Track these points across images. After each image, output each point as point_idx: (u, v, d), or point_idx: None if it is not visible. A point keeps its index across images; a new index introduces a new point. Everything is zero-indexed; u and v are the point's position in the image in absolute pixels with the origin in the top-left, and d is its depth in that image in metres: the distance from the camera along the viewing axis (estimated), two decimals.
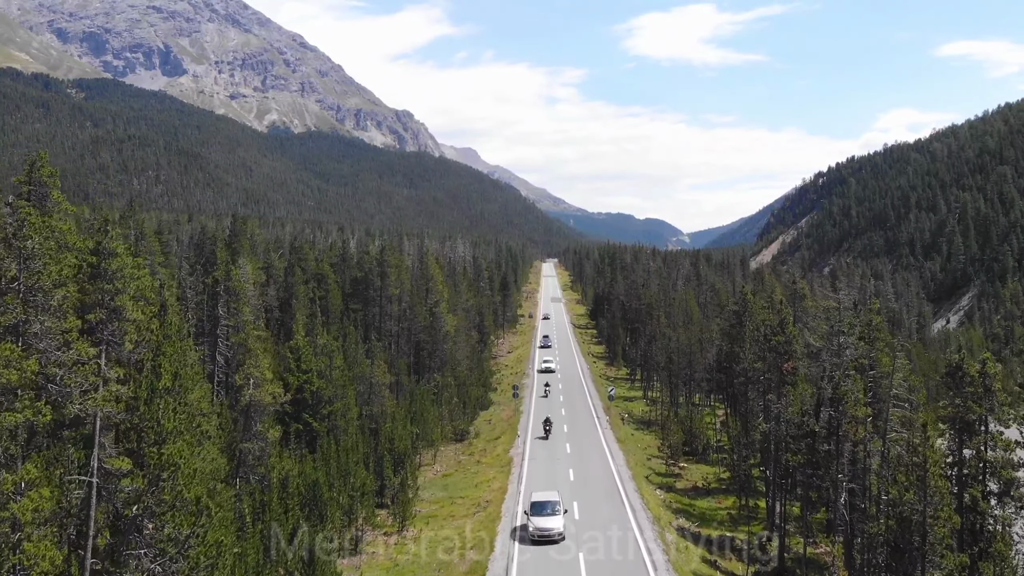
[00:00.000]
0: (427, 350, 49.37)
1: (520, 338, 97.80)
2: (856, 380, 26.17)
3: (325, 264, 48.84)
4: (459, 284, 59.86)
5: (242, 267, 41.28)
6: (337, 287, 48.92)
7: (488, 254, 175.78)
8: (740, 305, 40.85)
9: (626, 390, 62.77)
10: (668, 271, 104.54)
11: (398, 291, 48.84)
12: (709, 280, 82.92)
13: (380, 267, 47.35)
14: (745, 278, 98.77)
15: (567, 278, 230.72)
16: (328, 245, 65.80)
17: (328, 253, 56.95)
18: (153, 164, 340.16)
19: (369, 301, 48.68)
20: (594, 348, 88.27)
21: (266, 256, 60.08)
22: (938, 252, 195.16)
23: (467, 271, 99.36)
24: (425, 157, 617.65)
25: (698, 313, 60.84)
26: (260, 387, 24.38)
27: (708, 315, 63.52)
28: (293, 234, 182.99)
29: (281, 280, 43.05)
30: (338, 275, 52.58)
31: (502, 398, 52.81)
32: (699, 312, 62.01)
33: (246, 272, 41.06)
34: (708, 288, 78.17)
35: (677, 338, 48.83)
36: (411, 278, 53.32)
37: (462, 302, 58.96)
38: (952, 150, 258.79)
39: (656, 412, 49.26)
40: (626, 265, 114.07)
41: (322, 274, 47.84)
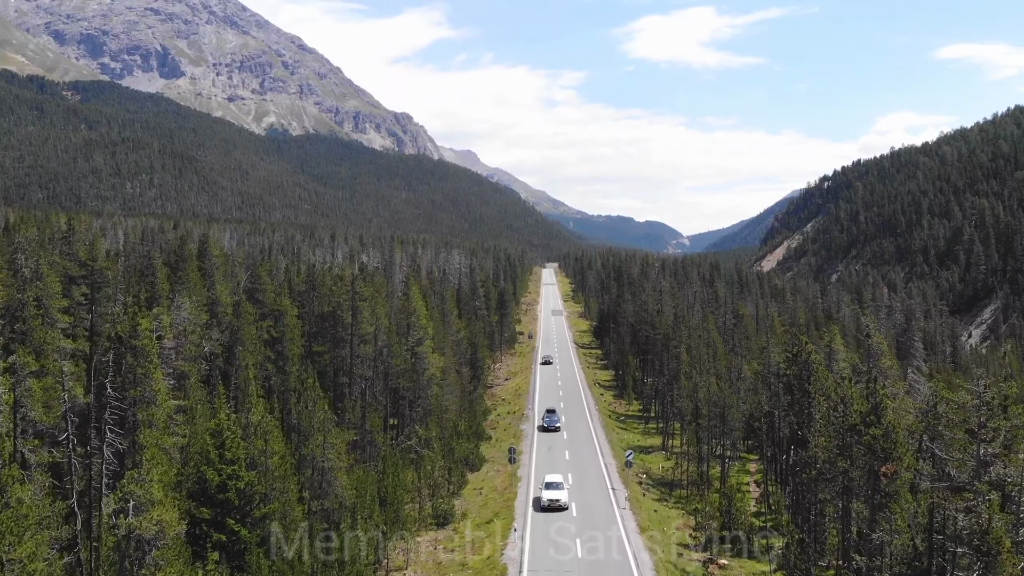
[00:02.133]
0: (407, 398, 41.43)
1: (519, 360, 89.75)
2: (993, 506, 18.11)
3: (284, 298, 40.83)
4: (448, 314, 51.93)
5: (178, 308, 33.69)
6: (298, 326, 41.08)
7: (486, 263, 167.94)
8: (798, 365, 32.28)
9: (640, 434, 54.68)
10: (679, 287, 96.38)
11: (373, 328, 40.98)
12: (728, 302, 75.15)
13: (351, 300, 39.50)
14: (764, 294, 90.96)
15: (568, 286, 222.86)
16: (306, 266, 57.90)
17: (299, 278, 48.85)
18: (147, 167, 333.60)
19: (338, 341, 40.77)
20: (600, 375, 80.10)
21: (232, 279, 52.30)
22: (955, 261, 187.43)
23: (461, 289, 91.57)
24: (424, 160, 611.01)
25: (722, 345, 53.03)
26: (145, 512, 16.87)
27: (735, 348, 55.73)
28: (282, 242, 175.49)
29: (230, 318, 35.50)
30: (305, 305, 44.67)
31: (496, 451, 44.67)
32: (722, 342, 54.17)
33: (183, 313, 33.48)
34: (729, 311, 70.49)
35: (707, 387, 41.07)
36: (389, 312, 45.39)
37: (451, 333, 51.11)
38: (962, 154, 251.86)
39: (680, 470, 41.45)
40: (633, 280, 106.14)
41: (280, 310, 39.89)
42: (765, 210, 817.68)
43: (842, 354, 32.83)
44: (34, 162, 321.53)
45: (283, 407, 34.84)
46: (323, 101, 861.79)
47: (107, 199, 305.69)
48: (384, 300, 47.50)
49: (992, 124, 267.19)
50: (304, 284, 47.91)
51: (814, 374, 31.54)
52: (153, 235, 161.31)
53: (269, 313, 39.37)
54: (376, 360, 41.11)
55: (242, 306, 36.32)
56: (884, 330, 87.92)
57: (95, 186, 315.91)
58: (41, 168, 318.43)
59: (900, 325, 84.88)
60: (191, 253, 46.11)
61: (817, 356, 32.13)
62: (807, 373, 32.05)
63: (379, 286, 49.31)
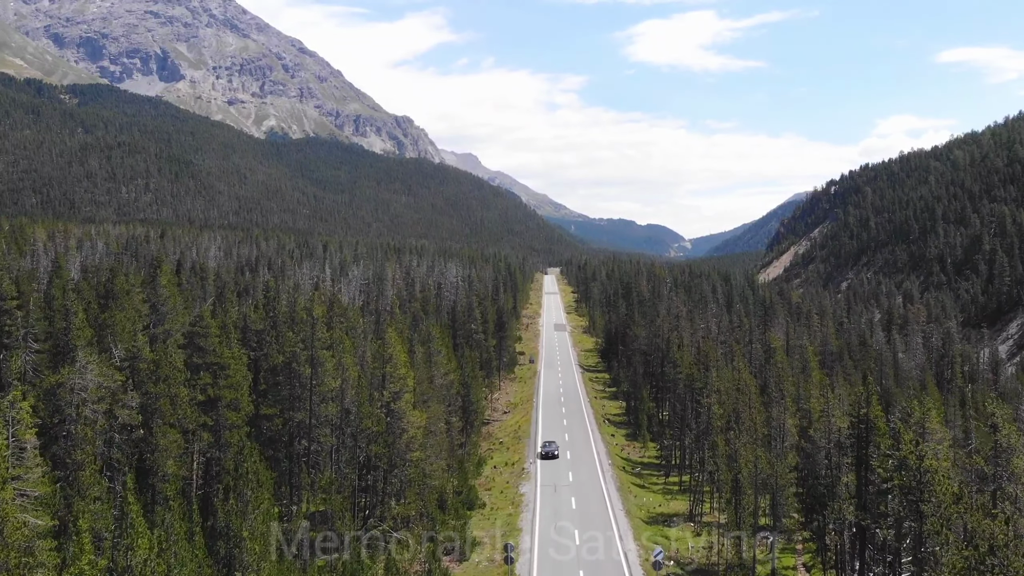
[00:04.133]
0: (381, 468, 33.66)
1: (519, 388, 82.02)
2: None
3: (228, 348, 32.92)
4: (435, 353, 44.11)
5: (81, 371, 26.28)
6: (247, 380, 33.33)
7: (485, 273, 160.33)
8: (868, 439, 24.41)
9: (660, 494, 46.29)
10: (693, 304, 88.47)
11: (338, 383, 33.45)
12: (751, 327, 67.32)
13: (309, 350, 31.85)
14: (793, 317, 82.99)
15: (570, 295, 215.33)
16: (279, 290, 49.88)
17: (256, 314, 40.87)
18: (143, 172, 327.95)
19: (294, 401, 33.04)
20: (609, 406, 72.22)
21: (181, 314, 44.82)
22: (974, 270, 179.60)
23: (456, 308, 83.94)
24: (424, 163, 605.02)
25: (755, 388, 45.15)
26: None
27: (769, 388, 47.82)
28: (271, 252, 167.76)
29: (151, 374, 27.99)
30: (265, 347, 36.94)
31: (489, 525, 36.30)
32: (754, 383, 46.32)
33: (87, 377, 26.12)
34: (756, 340, 62.57)
35: (751, 459, 33.34)
36: (361, 359, 37.77)
37: (439, 376, 43.46)
38: (975, 158, 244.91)
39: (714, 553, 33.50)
40: (643, 299, 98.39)
41: (221, 364, 32.10)
42: (768, 213, 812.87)
43: (939, 432, 25.37)
44: (28, 167, 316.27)
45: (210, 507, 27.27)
46: (323, 104, 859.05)
47: (101, 204, 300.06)
48: (357, 341, 39.89)
49: (1005, 128, 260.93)
50: (262, 322, 40.21)
51: (905, 466, 23.67)
52: (137, 245, 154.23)
53: (209, 366, 31.77)
54: (342, 422, 33.53)
55: (166, 361, 28.76)
56: (920, 354, 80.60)
57: (90, 191, 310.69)
58: (35, 173, 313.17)
59: (937, 350, 77.56)
60: (122, 289, 38.47)
61: (907, 436, 24.50)
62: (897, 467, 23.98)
63: (353, 321, 41.79)
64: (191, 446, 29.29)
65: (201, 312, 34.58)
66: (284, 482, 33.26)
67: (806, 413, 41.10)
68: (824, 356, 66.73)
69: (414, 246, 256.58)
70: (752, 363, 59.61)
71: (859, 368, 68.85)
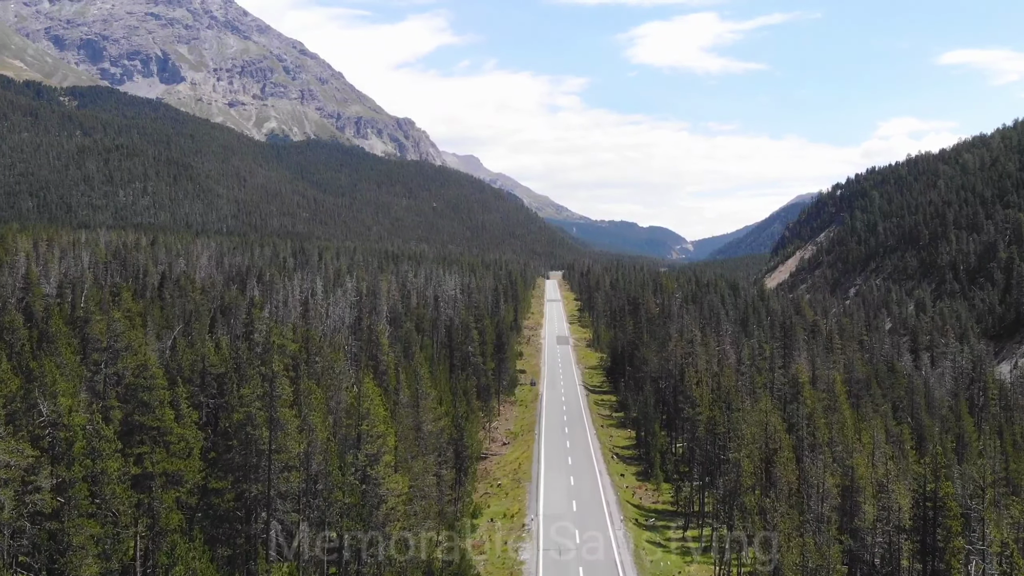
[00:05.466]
0: (353, 547, 28.35)
1: (520, 412, 76.71)
2: None
3: (183, 403, 27.71)
4: (424, 396, 38.77)
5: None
6: (197, 444, 27.98)
7: (485, 283, 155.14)
8: None
9: (679, 555, 40.16)
10: (704, 320, 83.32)
11: (303, 446, 28.20)
12: (770, 353, 61.99)
13: (267, 408, 26.45)
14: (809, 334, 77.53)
15: (573, 303, 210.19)
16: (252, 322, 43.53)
17: (215, 356, 35.09)
18: (140, 175, 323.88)
19: (249, 471, 27.62)
20: (616, 435, 66.65)
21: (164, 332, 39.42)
22: (989, 279, 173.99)
23: (453, 326, 78.84)
24: (425, 166, 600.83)
25: (786, 437, 39.77)
26: None
27: (800, 434, 42.46)
28: (264, 261, 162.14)
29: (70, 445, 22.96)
30: (227, 393, 31.69)
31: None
32: (784, 430, 40.96)
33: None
34: (778, 372, 57.20)
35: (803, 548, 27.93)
36: (332, 409, 32.47)
37: (429, 421, 38.21)
38: (985, 162, 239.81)
39: None
40: (652, 317, 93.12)
41: (162, 428, 26.77)
42: (770, 215, 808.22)
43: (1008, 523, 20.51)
44: (25, 170, 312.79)
45: None
46: (324, 106, 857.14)
47: (98, 208, 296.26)
48: (334, 382, 34.63)
49: (1015, 131, 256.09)
50: (223, 364, 34.82)
51: None
52: (125, 254, 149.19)
53: (148, 430, 26.50)
54: (307, 495, 28.33)
55: (92, 427, 23.52)
56: (948, 376, 75.30)
57: (86, 194, 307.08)
58: (32, 176, 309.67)
59: (967, 373, 72.34)
60: (57, 330, 33.18)
61: (996, 533, 19.79)
62: None
63: (327, 365, 36.52)
64: (125, 532, 24.23)
65: (146, 359, 29.42)
66: (239, 568, 28.10)
67: (848, 471, 35.93)
68: (850, 384, 61.67)
69: (413, 252, 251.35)
70: (773, 393, 54.35)
71: (888, 397, 63.74)
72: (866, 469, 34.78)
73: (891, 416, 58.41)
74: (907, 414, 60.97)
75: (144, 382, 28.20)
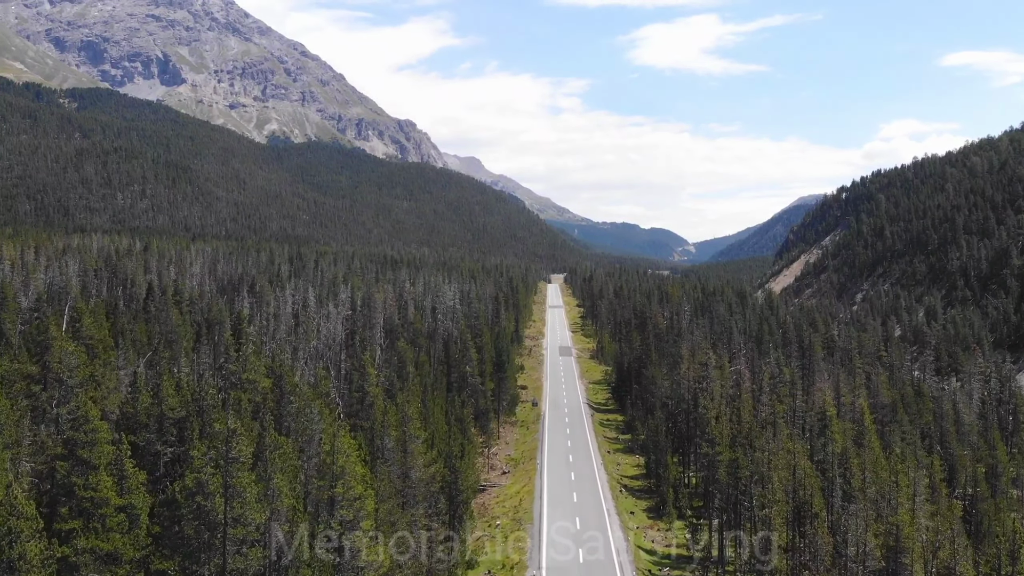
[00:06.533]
0: None
1: (521, 436, 72.54)
2: None
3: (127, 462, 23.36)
4: (411, 440, 34.76)
5: None
6: (145, 508, 23.80)
7: (485, 290, 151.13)
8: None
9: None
10: (718, 339, 79.16)
11: (264, 518, 24.06)
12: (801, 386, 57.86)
13: (221, 473, 22.36)
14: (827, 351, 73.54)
15: (576, 308, 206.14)
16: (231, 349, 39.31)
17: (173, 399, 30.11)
18: (139, 177, 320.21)
19: (202, 548, 23.16)
20: (624, 463, 62.26)
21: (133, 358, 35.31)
22: (1001, 286, 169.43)
23: (450, 341, 74.98)
24: (426, 168, 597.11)
25: (819, 490, 35.66)
26: None
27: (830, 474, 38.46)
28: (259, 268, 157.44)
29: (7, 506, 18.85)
30: (187, 441, 27.40)
31: None
32: (813, 471, 37.05)
33: None
34: (801, 399, 53.14)
35: None
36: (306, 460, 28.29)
37: (418, 468, 34.30)
38: (994, 165, 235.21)
39: None
40: (660, 332, 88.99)
41: (96, 499, 22.76)
42: (772, 217, 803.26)
43: None
44: (23, 172, 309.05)
45: None
46: (326, 108, 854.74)
47: (96, 211, 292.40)
48: (311, 426, 30.54)
49: (1022, 132, 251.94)
50: (184, 407, 30.59)
51: None
52: (116, 261, 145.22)
53: (79, 501, 22.38)
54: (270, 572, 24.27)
55: (8, 501, 19.53)
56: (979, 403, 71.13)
57: (84, 197, 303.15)
58: (30, 179, 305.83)
59: (995, 394, 68.25)
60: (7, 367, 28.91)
61: None
62: None
63: (303, 405, 32.37)
64: None
65: (84, 409, 25.44)
66: None
67: (893, 531, 31.77)
68: (876, 409, 57.65)
69: (412, 257, 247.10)
70: (794, 423, 50.24)
71: (915, 424, 59.63)
72: (911, 527, 30.71)
73: (919, 445, 54.45)
74: (935, 440, 56.99)
75: (84, 436, 24.28)
